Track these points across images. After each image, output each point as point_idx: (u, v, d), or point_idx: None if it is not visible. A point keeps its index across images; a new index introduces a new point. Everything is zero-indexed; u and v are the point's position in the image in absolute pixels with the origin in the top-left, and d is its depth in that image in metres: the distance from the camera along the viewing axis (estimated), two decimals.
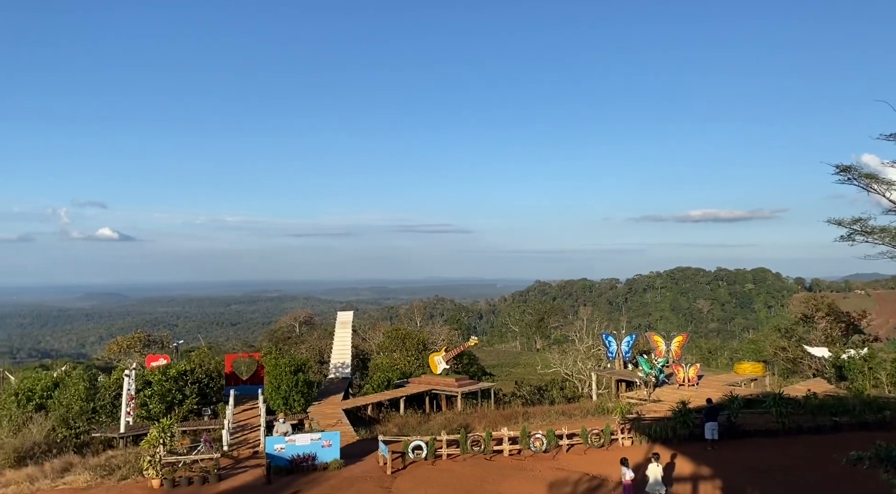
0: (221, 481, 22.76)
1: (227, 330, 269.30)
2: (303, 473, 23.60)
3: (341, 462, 24.29)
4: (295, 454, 24.07)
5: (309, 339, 67.04)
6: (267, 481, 22.57)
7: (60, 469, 25.01)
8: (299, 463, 23.95)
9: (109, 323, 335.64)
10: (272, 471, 22.97)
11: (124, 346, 64.95)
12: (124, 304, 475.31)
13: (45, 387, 33.33)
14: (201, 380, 34.92)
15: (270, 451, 23.93)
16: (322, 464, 24.10)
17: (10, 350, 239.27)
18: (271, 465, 23.15)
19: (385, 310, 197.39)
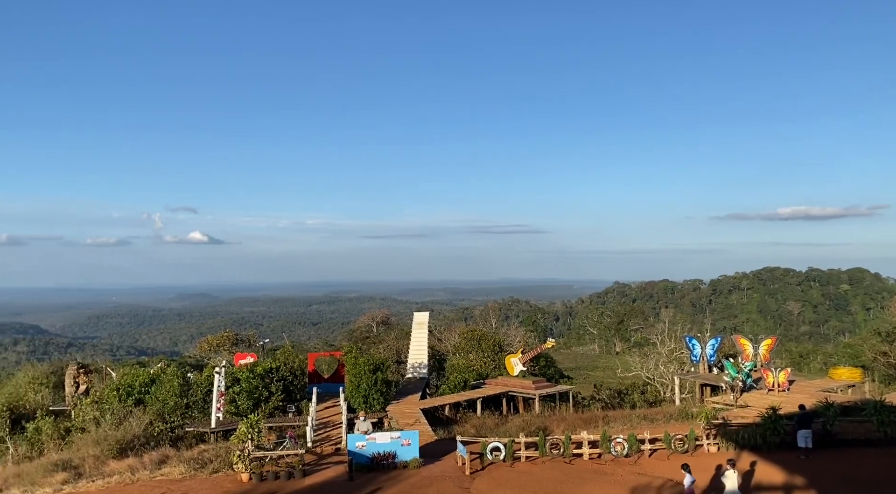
0: (306, 477, 23.48)
1: (308, 330, 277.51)
2: (383, 471, 24.05)
3: (420, 460, 24.60)
4: (375, 452, 24.56)
5: (386, 339, 68.20)
6: (349, 478, 23.12)
7: (158, 461, 26.49)
8: (380, 461, 24.42)
9: (200, 322, 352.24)
10: (354, 468, 23.52)
11: (214, 345, 68.16)
12: (213, 304, 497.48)
13: (143, 383, 35.31)
14: (286, 378, 36.16)
15: (352, 448, 24.50)
16: (402, 463, 24.48)
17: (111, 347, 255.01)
18: (353, 462, 23.71)
19: (460, 311, 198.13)
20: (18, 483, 24.59)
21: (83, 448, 28.06)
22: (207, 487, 22.78)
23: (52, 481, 24.30)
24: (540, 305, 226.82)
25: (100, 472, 25.38)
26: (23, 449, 30.12)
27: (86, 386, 39.79)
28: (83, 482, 24.28)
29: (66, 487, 23.78)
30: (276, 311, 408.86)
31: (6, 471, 26.86)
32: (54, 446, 30.66)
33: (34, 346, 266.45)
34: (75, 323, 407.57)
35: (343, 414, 30.93)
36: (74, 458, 27.08)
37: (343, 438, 27.96)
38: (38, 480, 24.47)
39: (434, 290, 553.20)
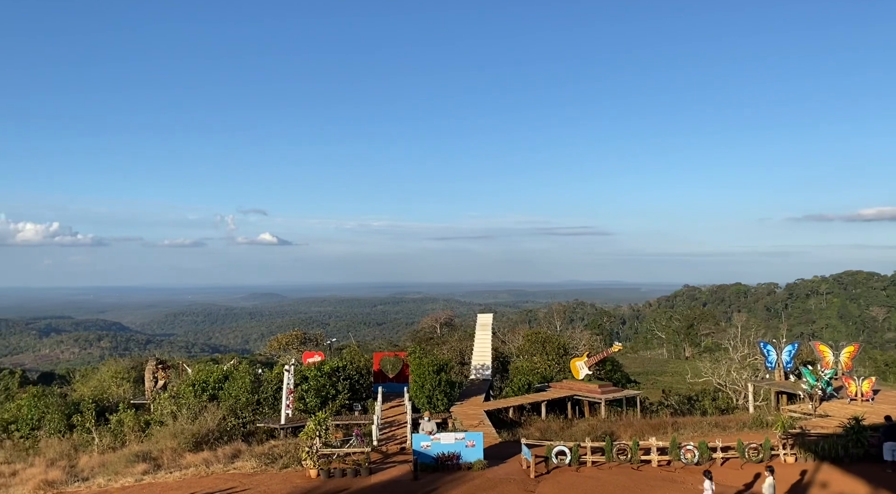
0: (372, 474, 23.84)
1: (373, 330, 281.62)
2: (447, 471, 24.15)
3: (485, 462, 24.58)
4: (440, 452, 24.69)
5: (450, 340, 68.46)
6: (414, 477, 23.33)
7: (231, 455, 27.45)
8: (444, 462, 24.53)
9: (269, 321, 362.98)
10: (419, 468, 23.71)
11: (283, 343, 70.08)
12: (282, 304, 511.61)
13: (217, 379, 36.62)
14: (352, 377, 36.82)
15: (417, 448, 24.72)
16: (466, 464, 24.52)
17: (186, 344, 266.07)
18: (418, 462, 23.91)
19: (523, 314, 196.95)
20: (103, 472, 25.95)
21: (161, 441, 29.36)
22: (278, 482, 23.43)
23: (133, 471, 25.51)
24: (606, 308, 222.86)
25: (177, 464, 26.50)
26: (107, 440, 31.68)
27: (164, 382, 41.57)
28: (162, 473, 25.39)
29: (146, 478, 24.90)
30: (342, 311, 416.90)
31: (92, 460, 28.38)
32: (135, 438, 32.14)
33: (116, 342, 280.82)
34: (154, 321, 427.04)
35: (408, 414, 31.23)
36: (153, 450, 28.37)
37: (408, 437, 28.24)
38: (121, 470, 25.75)
39: (497, 292, 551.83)
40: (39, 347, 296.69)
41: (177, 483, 23.97)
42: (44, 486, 24.41)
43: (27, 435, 34.43)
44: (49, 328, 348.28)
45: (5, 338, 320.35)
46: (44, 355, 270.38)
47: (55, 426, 34.12)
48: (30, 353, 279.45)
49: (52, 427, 34.08)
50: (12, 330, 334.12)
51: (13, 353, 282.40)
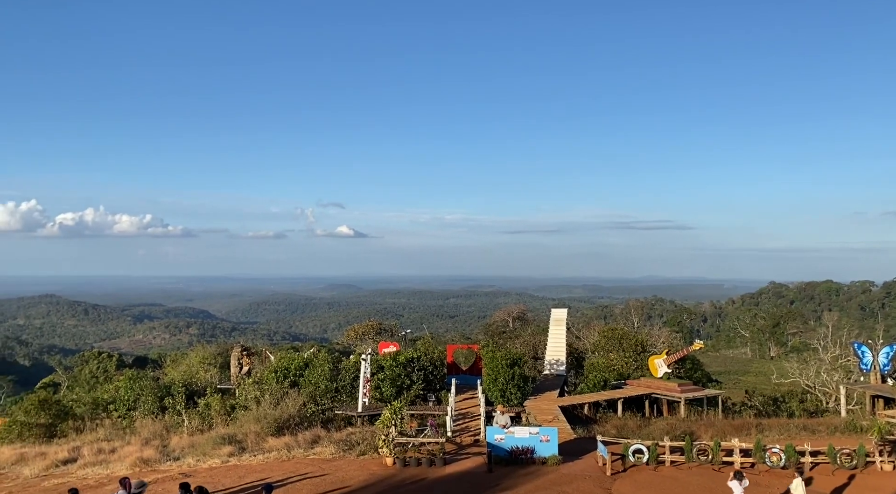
0: (446, 465, 24.09)
1: (446, 322, 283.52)
2: (521, 465, 24.11)
3: (559, 458, 24.38)
4: (514, 446, 24.66)
5: (523, 335, 68.05)
6: (488, 469, 23.42)
7: (310, 440, 28.32)
8: (518, 455, 24.50)
9: (346, 311, 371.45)
10: (493, 460, 23.79)
11: (360, 333, 71.66)
12: (359, 295, 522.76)
13: (298, 367, 37.81)
14: (426, 368, 37.23)
15: (491, 441, 24.78)
16: (540, 458, 24.40)
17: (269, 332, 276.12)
18: (492, 454, 23.98)
19: (599, 309, 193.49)
20: (192, 452, 27.34)
21: (246, 425, 30.58)
22: (355, 468, 24.03)
23: (219, 453, 26.75)
24: (686, 305, 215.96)
25: (260, 448, 27.60)
26: (195, 422, 33.27)
27: (248, 368, 43.30)
28: (246, 456, 26.53)
29: (232, 459, 26.08)
30: (416, 303, 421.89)
31: (182, 441, 29.91)
32: (221, 421, 33.60)
33: (203, 329, 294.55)
34: (238, 309, 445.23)
35: (481, 407, 31.34)
36: (238, 433, 29.60)
37: (481, 430, 28.36)
38: (209, 451, 27.05)
39: (572, 287, 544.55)
40: (134, 333, 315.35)
41: (260, 466, 24.99)
42: (140, 463, 25.96)
43: (124, 415, 36.57)
44: (142, 315, 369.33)
45: (104, 324, 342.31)
46: (138, 340, 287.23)
47: (149, 407, 36.09)
48: (125, 338, 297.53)
49: (146, 409, 36.06)
50: (110, 316, 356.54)
51: (111, 338, 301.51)
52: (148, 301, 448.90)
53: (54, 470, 26.45)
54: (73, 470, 26.19)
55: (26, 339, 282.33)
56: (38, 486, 24.16)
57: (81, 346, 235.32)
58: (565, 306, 58.24)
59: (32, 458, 28.51)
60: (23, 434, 33.40)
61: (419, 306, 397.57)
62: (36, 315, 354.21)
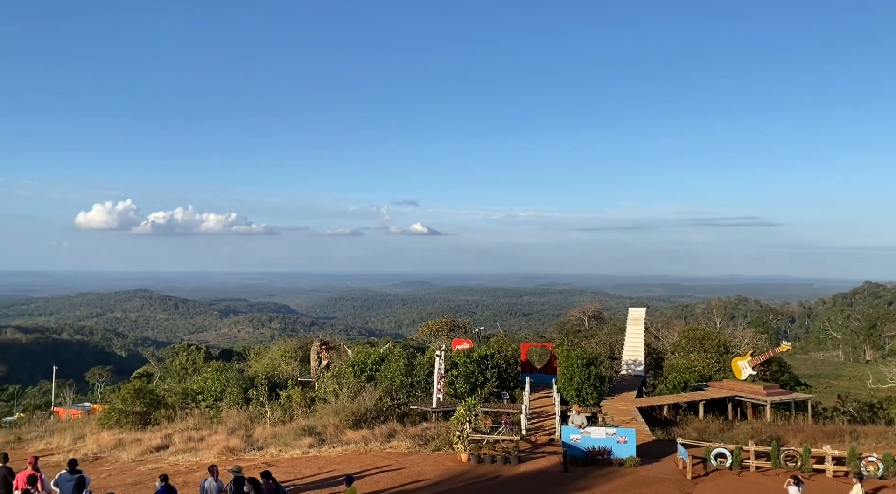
0: (521, 463, 24.01)
1: (519, 320, 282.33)
2: (597, 466, 23.74)
3: (637, 459, 23.86)
4: (590, 446, 24.31)
5: (598, 334, 66.83)
6: (564, 469, 23.19)
7: (386, 434, 28.85)
8: (594, 456, 24.14)
9: (420, 307, 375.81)
10: (568, 460, 23.52)
11: (433, 329, 72.34)
12: (432, 292, 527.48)
13: (374, 362, 38.53)
14: (500, 365, 37.17)
15: (566, 440, 24.52)
16: (617, 460, 23.95)
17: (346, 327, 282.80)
18: (568, 454, 23.72)
19: (679, 309, 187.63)
20: (275, 442, 28.36)
21: (325, 417, 31.45)
22: (431, 463, 24.31)
23: (300, 444, 27.63)
24: (772, 305, 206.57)
25: (339, 440, 28.34)
26: (277, 414, 34.43)
27: (327, 362, 44.47)
28: (325, 447, 27.30)
29: (312, 451, 26.89)
30: (489, 300, 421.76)
31: (265, 431, 31.05)
32: (302, 413, 34.66)
33: (285, 323, 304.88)
34: (317, 305, 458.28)
35: (556, 406, 31.03)
36: (318, 425, 30.48)
37: (557, 429, 28.09)
38: (290, 442, 27.99)
39: (650, 286, 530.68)
40: (220, 326, 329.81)
41: (339, 458, 25.65)
42: (226, 452, 27.16)
43: (211, 405, 38.26)
44: (228, 309, 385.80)
45: (193, 318, 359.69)
46: (223, 333, 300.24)
47: (234, 398, 37.61)
48: (212, 332, 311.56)
49: (232, 399, 37.59)
50: (198, 311, 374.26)
51: (199, 331, 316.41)
52: (233, 296, 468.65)
53: (149, 456, 28.02)
54: (166, 456, 27.67)
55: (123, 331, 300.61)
56: (134, 470, 25.67)
57: (172, 339, 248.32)
58: (643, 305, 56.88)
59: (129, 443, 30.29)
60: (120, 420, 35.48)
61: (492, 303, 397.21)
62: (131, 308, 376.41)
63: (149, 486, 21.71)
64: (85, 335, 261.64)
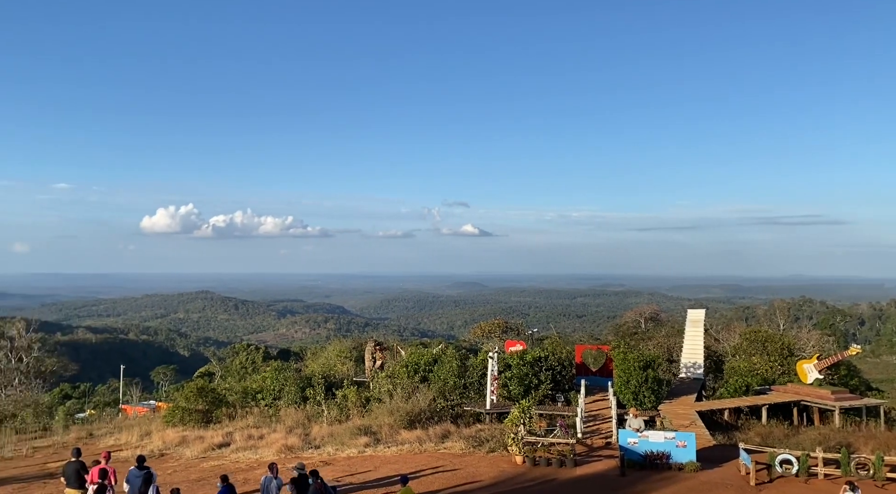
0: (577, 466, 23.71)
1: (573, 322, 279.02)
2: (656, 470, 23.24)
3: (697, 464, 23.25)
4: (648, 450, 23.83)
5: (656, 336, 65.46)
6: (621, 473, 22.79)
7: (441, 434, 28.94)
8: (653, 460, 23.64)
9: (472, 309, 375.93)
10: (626, 464, 23.11)
11: (486, 331, 72.15)
12: (484, 293, 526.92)
13: (427, 362, 38.72)
14: (554, 368, 36.80)
15: (624, 444, 24.10)
16: (676, 464, 23.39)
17: (398, 328, 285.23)
18: (625, 458, 23.31)
19: (739, 310, 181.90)
20: (331, 441, 28.82)
21: (380, 417, 31.80)
22: (486, 464, 24.26)
23: (356, 443, 28.00)
24: (839, 306, 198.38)
25: (394, 440, 28.58)
26: (334, 413, 34.98)
27: (381, 362, 44.94)
28: (381, 447, 27.58)
29: (368, 450, 27.21)
30: (542, 302, 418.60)
31: (322, 430, 31.59)
32: (357, 412, 35.12)
33: (340, 324, 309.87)
34: (371, 306, 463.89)
35: (612, 409, 30.54)
36: (373, 425, 30.83)
37: (613, 432, 27.65)
38: (346, 441, 28.39)
39: (709, 287, 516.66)
40: (278, 326, 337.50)
41: (394, 457, 25.88)
42: (285, 450, 27.76)
43: (270, 404, 39.14)
44: (285, 310, 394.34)
45: (252, 318, 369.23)
46: (281, 333, 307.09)
47: (292, 397, 38.40)
48: (270, 332, 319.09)
49: (290, 398, 38.37)
50: (256, 311, 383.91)
51: (257, 331, 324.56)
52: (290, 297, 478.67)
53: (211, 453, 28.87)
54: (227, 454, 28.46)
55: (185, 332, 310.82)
56: (197, 466, 26.49)
57: (232, 339, 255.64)
58: (702, 306, 55.32)
59: (192, 441, 31.27)
60: (184, 418, 36.66)
61: (545, 305, 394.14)
62: (193, 309, 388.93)
63: (211, 483, 22.37)
64: (150, 335, 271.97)
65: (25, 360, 73.60)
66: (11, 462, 31.19)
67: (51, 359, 78.06)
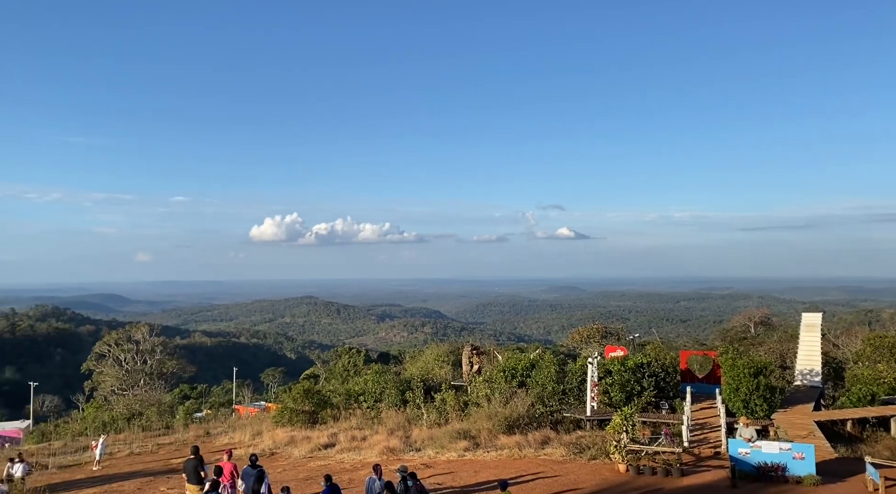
0: (684, 476, 22.82)
1: (676, 327, 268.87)
2: (770, 483, 21.98)
3: (817, 478, 21.78)
4: (761, 461, 22.58)
5: (767, 341, 61.97)
6: (731, 484, 21.74)
7: (540, 441, 28.65)
8: (767, 472, 22.38)
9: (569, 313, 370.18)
10: (737, 475, 22.03)
11: (584, 336, 70.82)
12: (581, 297, 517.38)
13: (524, 367, 38.46)
14: (657, 374, 35.60)
15: (734, 454, 22.97)
16: (794, 477, 22.02)
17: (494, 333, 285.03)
18: (736, 469, 22.22)
19: (861, 314, 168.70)
20: (431, 444, 29.22)
21: (478, 422, 31.88)
22: (587, 472, 23.81)
23: (456, 447, 28.24)
24: None
25: (493, 444, 28.60)
26: (433, 416, 35.43)
27: (478, 366, 45.09)
28: (480, 451, 27.68)
29: (467, 454, 27.38)
30: (642, 306, 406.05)
31: (422, 433, 32.09)
32: (455, 416, 35.37)
33: (436, 328, 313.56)
34: (466, 310, 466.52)
35: (721, 417, 29.16)
36: (472, 429, 30.95)
37: (722, 442, 26.43)
38: (446, 444, 28.69)
39: (826, 289, 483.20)
40: (377, 330, 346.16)
41: (493, 462, 25.90)
42: (387, 452, 28.44)
43: (371, 406, 40.17)
44: (384, 314, 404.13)
45: (353, 322, 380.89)
46: (380, 337, 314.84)
47: (392, 400, 39.20)
48: (370, 335, 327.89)
49: (391, 401, 39.20)
50: (357, 315, 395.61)
51: (358, 335, 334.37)
52: (388, 301, 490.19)
53: (317, 453, 30.02)
54: (333, 454, 29.49)
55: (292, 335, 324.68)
56: (305, 466, 27.61)
57: (335, 342, 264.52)
58: (819, 310, 51.85)
59: (300, 441, 32.64)
60: (292, 419, 38.30)
61: (646, 309, 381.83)
62: (298, 314, 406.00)
63: (318, 482, 23.23)
64: (259, 338, 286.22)
65: (149, 362, 79.46)
66: (139, 458, 33.72)
67: (171, 361, 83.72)
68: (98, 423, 51.06)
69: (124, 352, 79.31)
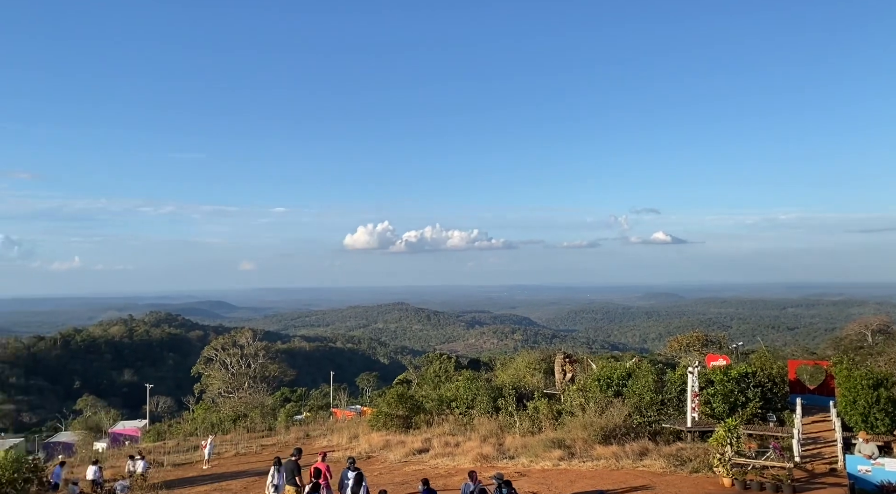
0: (795, 493, 21.51)
1: (783, 335, 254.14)
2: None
3: None
4: (885, 480, 20.93)
5: (888, 351, 57.37)
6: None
7: (638, 452, 27.78)
8: (890, 492, 20.72)
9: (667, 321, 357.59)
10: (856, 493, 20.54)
11: (683, 344, 68.18)
12: (680, 304, 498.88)
13: (620, 376, 37.40)
14: (763, 384, 33.73)
15: (853, 472, 21.42)
16: None
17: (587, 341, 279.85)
18: (855, 487, 20.70)
19: None
20: (525, 453, 28.98)
21: (573, 431, 31.30)
22: (688, 485, 22.88)
23: (550, 456, 27.85)
24: None
25: (588, 455, 28.00)
26: (526, 424, 35.10)
27: (571, 375, 44.31)
28: (575, 461, 27.17)
29: (562, 464, 26.94)
30: (746, 313, 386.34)
31: (515, 441, 31.87)
32: (549, 425, 34.91)
33: (527, 335, 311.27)
34: (557, 317, 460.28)
35: (837, 432, 27.27)
36: (566, 438, 30.43)
37: (839, 458, 24.69)
38: (540, 453, 28.36)
39: None
40: (467, 337, 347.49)
41: (589, 473, 25.35)
42: (480, 459, 28.44)
43: (463, 412, 40.29)
44: (473, 321, 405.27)
45: (443, 328, 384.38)
46: (470, 343, 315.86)
47: (484, 407, 39.15)
48: (460, 342, 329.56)
49: (483, 408, 39.17)
50: (447, 322, 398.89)
51: (448, 341, 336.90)
52: (477, 308, 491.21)
53: (412, 457, 30.43)
54: (427, 459, 29.80)
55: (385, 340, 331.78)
56: (401, 470, 28.06)
57: (426, 348, 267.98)
58: None
59: (395, 445, 33.21)
60: (386, 423, 39.02)
61: (750, 316, 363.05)
62: (391, 320, 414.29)
63: (413, 486, 23.57)
64: (354, 343, 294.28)
65: (253, 366, 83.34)
66: (245, 458, 35.40)
67: (273, 365, 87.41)
68: (206, 424, 54.04)
69: (230, 356, 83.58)
